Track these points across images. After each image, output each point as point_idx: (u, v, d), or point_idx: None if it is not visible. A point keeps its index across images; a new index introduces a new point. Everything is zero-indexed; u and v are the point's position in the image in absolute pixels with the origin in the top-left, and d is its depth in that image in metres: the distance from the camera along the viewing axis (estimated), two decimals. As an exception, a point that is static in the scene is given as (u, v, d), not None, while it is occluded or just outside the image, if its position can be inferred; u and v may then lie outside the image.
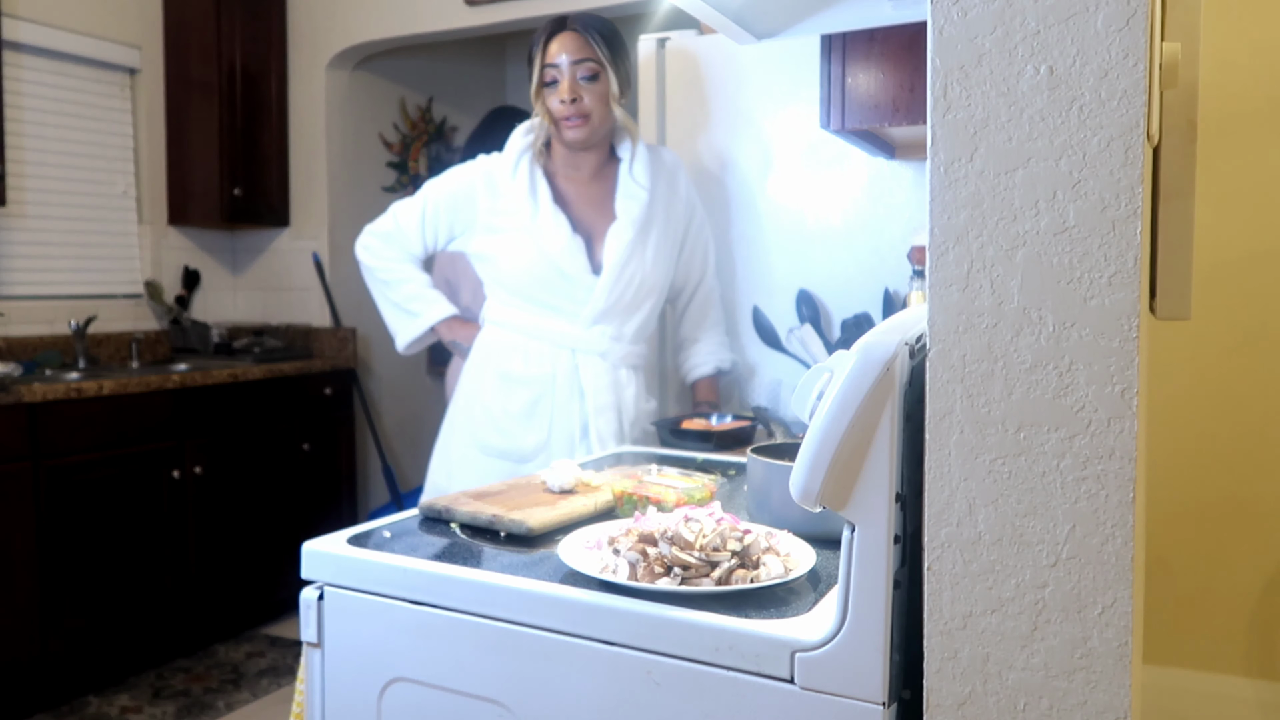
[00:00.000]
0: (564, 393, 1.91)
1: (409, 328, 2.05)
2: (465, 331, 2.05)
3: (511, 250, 1.91)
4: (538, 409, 1.91)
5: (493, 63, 4.93)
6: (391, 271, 2.03)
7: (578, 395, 1.92)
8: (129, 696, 2.85)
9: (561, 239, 1.89)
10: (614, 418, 1.94)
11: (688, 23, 2.38)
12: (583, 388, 1.92)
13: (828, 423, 0.78)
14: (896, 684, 0.81)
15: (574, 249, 1.90)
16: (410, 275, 2.03)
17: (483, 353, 1.98)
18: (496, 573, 0.99)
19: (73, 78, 3.39)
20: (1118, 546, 0.69)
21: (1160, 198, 0.87)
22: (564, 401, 1.92)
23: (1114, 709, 0.70)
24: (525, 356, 1.92)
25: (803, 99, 2.20)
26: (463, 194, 1.97)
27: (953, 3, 0.71)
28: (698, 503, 1.18)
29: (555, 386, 1.91)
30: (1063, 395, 0.70)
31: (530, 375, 1.91)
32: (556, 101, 1.88)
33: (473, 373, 1.98)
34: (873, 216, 2.18)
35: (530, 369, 1.91)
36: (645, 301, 1.98)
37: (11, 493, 2.59)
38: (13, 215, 3.22)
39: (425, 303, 2.03)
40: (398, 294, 2.04)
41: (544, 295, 1.91)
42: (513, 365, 1.92)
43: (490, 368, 1.94)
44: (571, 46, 1.88)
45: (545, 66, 1.89)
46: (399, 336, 2.07)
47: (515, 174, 1.93)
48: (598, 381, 1.92)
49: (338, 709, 1.06)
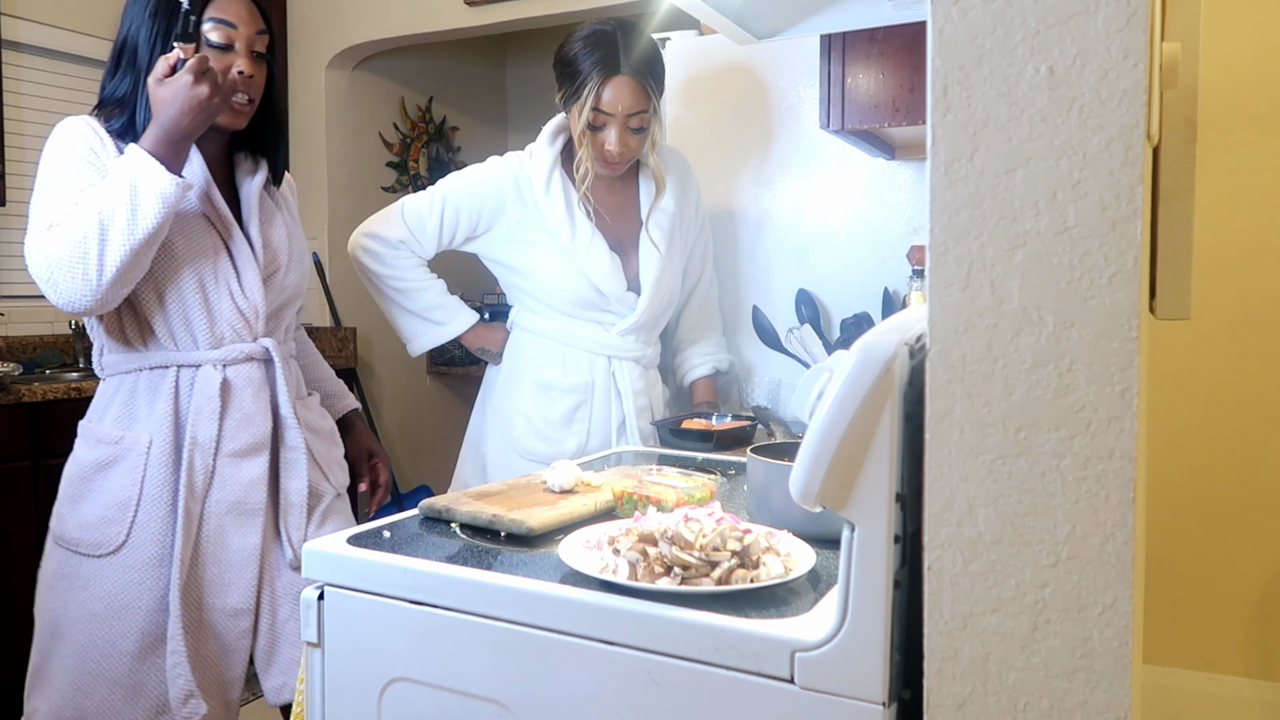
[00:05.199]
0: (602, 397, 1.94)
1: (429, 336, 2.02)
2: (493, 336, 2.04)
3: (547, 267, 1.90)
4: (578, 414, 1.93)
5: (493, 63, 4.93)
6: (406, 280, 1.97)
7: (615, 398, 1.95)
8: (129, 696, 2.84)
9: (603, 261, 1.89)
10: (650, 417, 1.98)
11: (688, 23, 2.38)
12: (620, 391, 1.95)
13: (827, 422, 0.78)
14: (896, 684, 0.81)
15: (613, 270, 1.91)
16: (427, 283, 1.99)
17: (517, 360, 1.98)
18: (497, 572, 0.99)
19: (73, 77, 3.39)
20: (1118, 546, 0.69)
21: (1160, 198, 0.87)
22: (602, 405, 1.94)
23: (1114, 709, 0.70)
24: (564, 365, 1.93)
25: (803, 99, 2.20)
26: (491, 200, 1.91)
27: (953, 3, 0.71)
28: (698, 503, 1.18)
29: (594, 392, 1.93)
30: (1063, 395, 0.70)
31: (570, 384, 1.92)
32: (605, 148, 1.84)
33: (508, 381, 1.97)
34: (873, 216, 2.18)
35: (570, 378, 1.92)
36: (671, 307, 2.04)
37: (12, 492, 2.59)
38: (13, 215, 3.22)
39: (448, 311, 2.01)
40: (416, 303, 1.99)
41: (580, 310, 1.93)
42: (551, 374, 1.93)
43: (527, 376, 1.94)
44: (628, 100, 1.79)
45: (596, 110, 1.81)
46: (415, 342, 2.03)
47: (549, 189, 1.88)
48: (635, 385, 1.95)
49: (338, 709, 1.06)
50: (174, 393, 1.44)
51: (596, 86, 1.79)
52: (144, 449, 1.42)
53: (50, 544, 1.51)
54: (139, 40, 1.43)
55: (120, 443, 1.43)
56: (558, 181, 1.89)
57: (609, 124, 1.82)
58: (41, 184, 1.41)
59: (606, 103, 1.79)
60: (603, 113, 1.81)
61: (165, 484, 1.42)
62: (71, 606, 1.45)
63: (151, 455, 1.42)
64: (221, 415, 1.44)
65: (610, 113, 1.80)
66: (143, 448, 1.42)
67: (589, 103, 1.80)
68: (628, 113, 1.81)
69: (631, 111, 1.81)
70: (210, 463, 1.44)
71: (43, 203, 1.39)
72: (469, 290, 3.81)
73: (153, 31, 1.43)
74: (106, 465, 1.44)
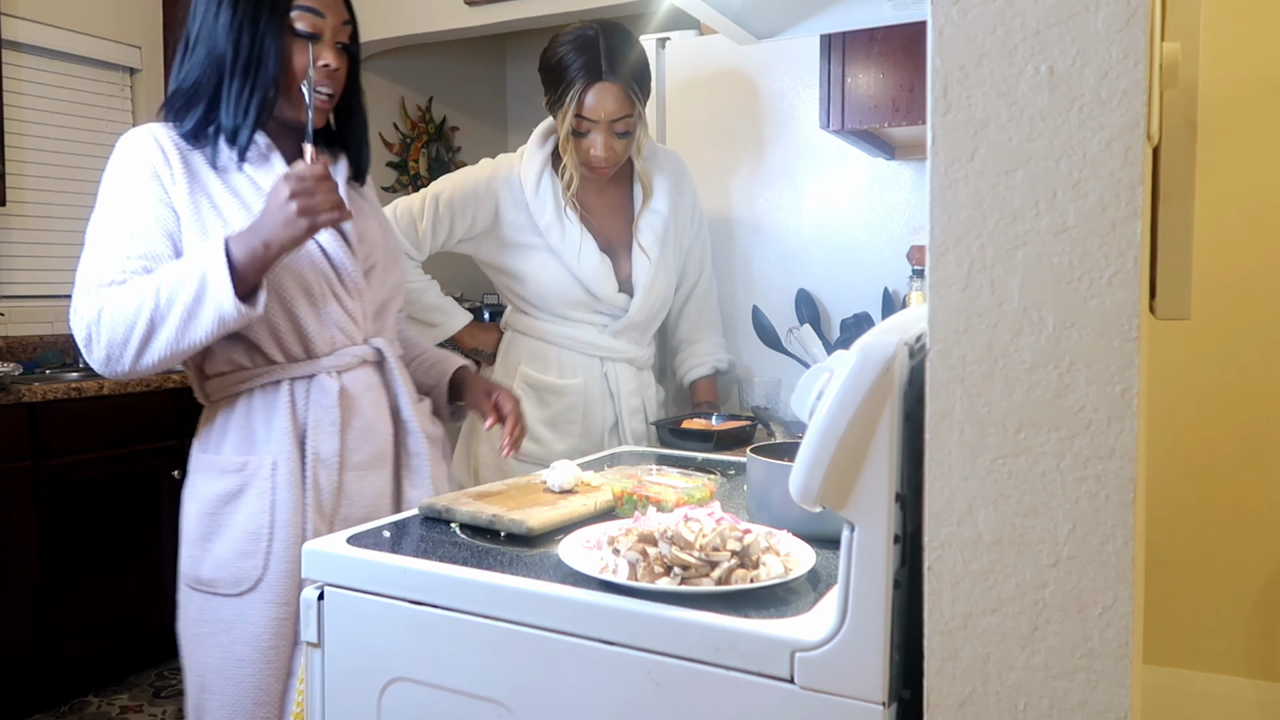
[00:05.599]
0: (596, 398, 1.94)
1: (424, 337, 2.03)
2: (487, 337, 2.05)
3: (538, 268, 1.90)
4: (571, 415, 1.93)
5: (493, 63, 4.93)
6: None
7: (609, 399, 1.95)
8: (129, 696, 2.85)
9: (593, 263, 1.90)
10: (642, 417, 1.98)
11: (688, 23, 2.38)
12: (613, 392, 1.95)
13: (827, 422, 0.78)
14: (896, 684, 0.81)
15: (604, 272, 1.91)
16: (423, 284, 1.99)
17: (510, 361, 1.98)
18: (496, 572, 0.99)
19: (73, 77, 3.39)
20: (1118, 546, 0.69)
21: (1160, 198, 0.87)
22: (596, 406, 1.94)
23: (1114, 709, 0.70)
24: (558, 367, 1.93)
25: (803, 99, 2.20)
26: (483, 202, 1.92)
27: (953, 3, 0.71)
28: (698, 503, 1.18)
29: (588, 393, 1.94)
30: (1063, 395, 0.70)
31: (564, 385, 1.92)
32: (589, 153, 1.84)
33: (500, 381, 1.97)
34: (873, 216, 2.18)
35: (562, 379, 1.93)
36: (664, 308, 2.04)
37: (11, 492, 2.59)
38: (13, 215, 3.22)
39: (444, 313, 2.01)
40: (411, 305, 1.99)
41: (572, 311, 1.93)
42: (544, 375, 1.93)
43: (519, 377, 1.95)
44: (611, 105, 1.79)
45: (580, 118, 1.80)
46: None
47: (539, 191, 1.89)
48: (628, 385, 1.96)
49: (338, 709, 1.06)
50: (290, 407, 1.35)
51: (579, 93, 1.79)
52: (269, 472, 1.34)
53: (185, 591, 1.41)
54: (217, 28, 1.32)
55: (244, 469, 1.35)
56: (548, 183, 1.89)
57: (593, 130, 1.82)
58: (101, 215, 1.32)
59: (589, 109, 1.79)
60: (586, 119, 1.80)
61: (295, 507, 1.34)
62: (216, 653, 1.35)
63: (278, 478, 1.33)
64: (343, 427, 1.37)
65: (594, 119, 1.80)
66: (268, 471, 1.34)
67: (572, 109, 1.80)
68: (611, 118, 1.80)
69: (615, 117, 1.81)
70: (335, 479, 1.36)
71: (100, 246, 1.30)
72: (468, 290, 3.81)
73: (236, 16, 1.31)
74: (233, 496, 1.35)
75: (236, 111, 1.33)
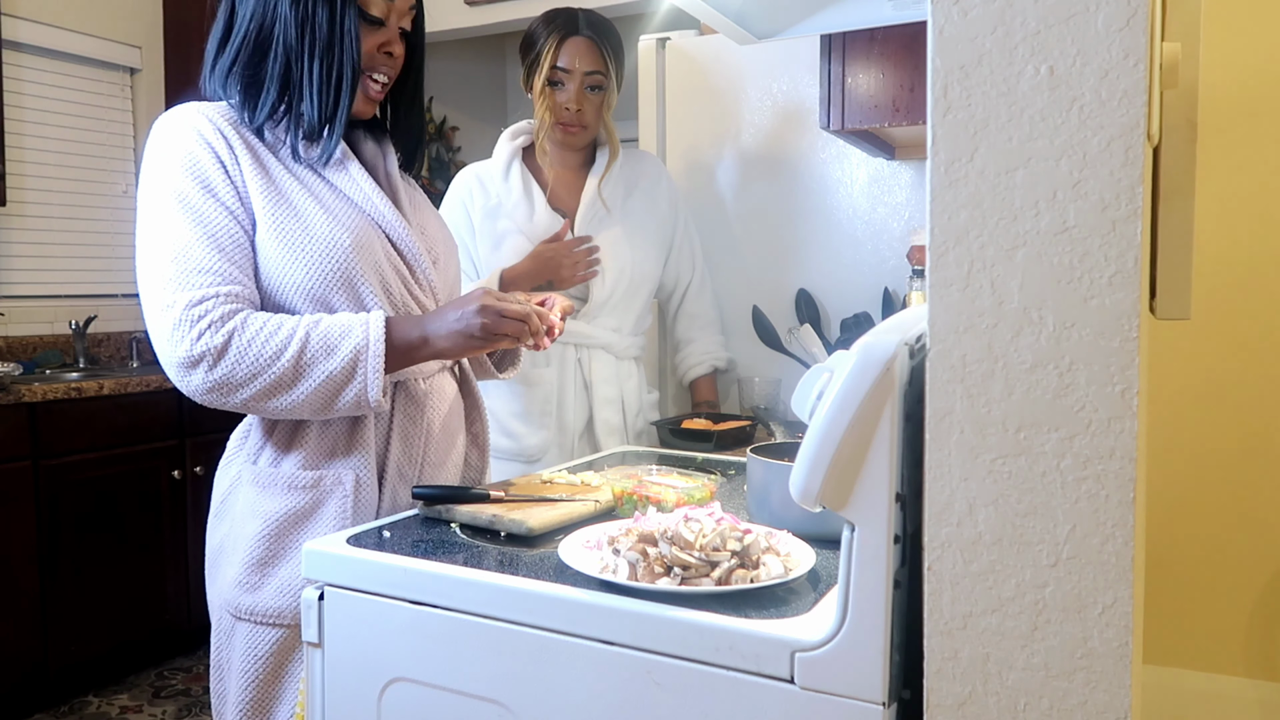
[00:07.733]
0: (570, 389, 1.93)
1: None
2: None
3: (511, 253, 1.91)
4: (545, 408, 1.92)
5: (493, 63, 4.93)
6: None
7: (583, 389, 1.94)
8: (129, 696, 2.85)
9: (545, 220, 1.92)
10: (618, 409, 1.96)
11: (688, 23, 2.38)
12: (588, 381, 1.93)
13: (827, 423, 0.78)
14: (896, 684, 0.81)
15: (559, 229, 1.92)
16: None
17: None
18: (496, 573, 0.99)
19: (73, 77, 3.39)
20: (1118, 546, 0.69)
21: (1160, 198, 0.87)
22: (570, 398, 1.93)
23: (1114, 709, 0.70)
24: (529, 355, 1.92)
25: (803, 99, 2.20)
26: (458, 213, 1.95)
27: (953, 3, 0.71)
28: (698, 503, 1.18)
29: (562, 383, 1.92)
30: (1063, 395, 0.70)
31: (537, 375, 1.91)
32: (561, 107, 1.89)
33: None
34: (873, 216, 2.18)
35: (537, 369, 1.91)
36: (639, 292, 2.00)
37: (11, 492, 2.60)
38: (13, 215, 3.22)
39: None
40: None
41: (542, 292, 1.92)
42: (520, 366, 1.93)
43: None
44: (585, 57, 1.87)
45: (554, 68, 1.88)
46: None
47: (508, 177, 1.94)
48: (603, 374, 1.94)
49: (338, 709, 1.06)
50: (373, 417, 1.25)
51: (554, 46, 1.87)
52: (350, 488, 1.22)
53: (225, 620, 1.26)
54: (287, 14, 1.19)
55: (319, 485, 1.22)
56: (517, 170, 1.95)
57: (567, 80, 1.88)
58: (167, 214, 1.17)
59: (564, 60, 1.87)
60: (560, 69, 1.88)
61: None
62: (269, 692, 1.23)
63: (359, 495, 1.23)
64: (425, 438, 1.29)
65: (568, 69, 1.87)
66: (347, 487, 1.23)
67: (547, 62, 1.88)
68: (585, 70, 1.87)
69: (588, 69, 1.87)
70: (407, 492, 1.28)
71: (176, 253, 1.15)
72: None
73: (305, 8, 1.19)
74: (305, 515, 1.22)
75: (323, 102, 1.20)
